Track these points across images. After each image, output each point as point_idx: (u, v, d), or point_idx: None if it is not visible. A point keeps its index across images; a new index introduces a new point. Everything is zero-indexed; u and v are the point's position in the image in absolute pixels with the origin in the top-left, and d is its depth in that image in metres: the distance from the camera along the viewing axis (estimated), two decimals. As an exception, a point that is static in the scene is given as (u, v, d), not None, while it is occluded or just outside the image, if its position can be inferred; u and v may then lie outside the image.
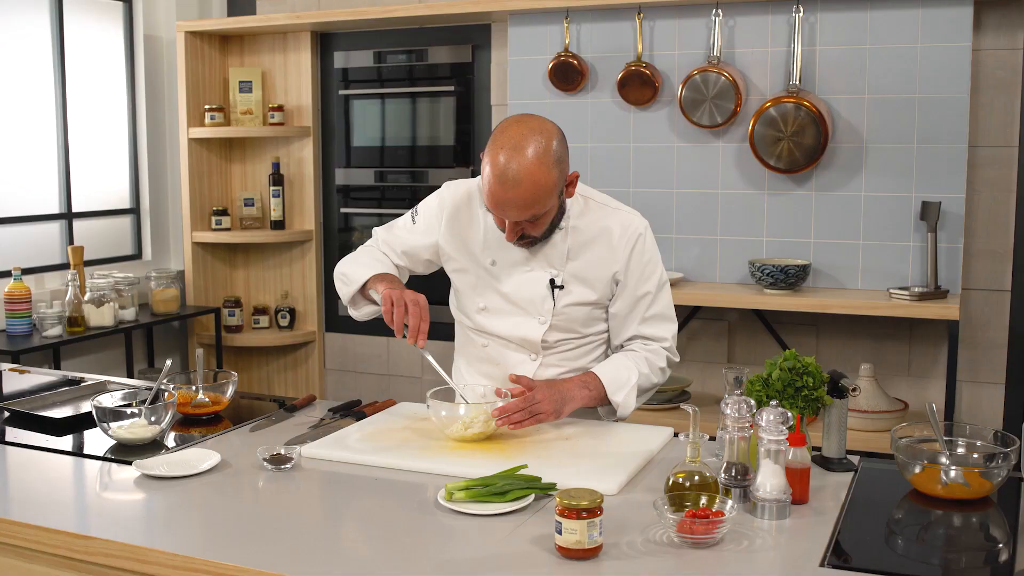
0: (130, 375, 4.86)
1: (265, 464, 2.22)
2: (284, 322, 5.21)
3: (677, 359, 2.67)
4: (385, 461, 2.25)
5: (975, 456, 2.12)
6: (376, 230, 2.78)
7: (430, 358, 2.48)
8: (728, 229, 4.28)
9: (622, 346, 2.65)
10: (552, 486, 2.03)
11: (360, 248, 2.77)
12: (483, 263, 2.60)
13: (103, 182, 5.06)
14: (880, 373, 4.11)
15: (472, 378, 2.68)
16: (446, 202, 2.65)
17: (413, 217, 2.71)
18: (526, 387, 2.40)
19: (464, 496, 1.97)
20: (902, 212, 4.00)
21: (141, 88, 5.15)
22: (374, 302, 2.62)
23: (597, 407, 2.59)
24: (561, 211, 2.50)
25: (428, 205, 2.70)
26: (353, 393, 5.17)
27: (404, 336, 2.41)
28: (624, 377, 2.53)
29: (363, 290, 2.62)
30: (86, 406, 2.73)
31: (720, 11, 4.16)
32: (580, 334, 2.62)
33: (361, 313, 2.68)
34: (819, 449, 2.27)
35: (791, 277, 3.96)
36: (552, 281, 2.56)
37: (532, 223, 2.42)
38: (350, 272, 2.65)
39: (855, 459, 2.28)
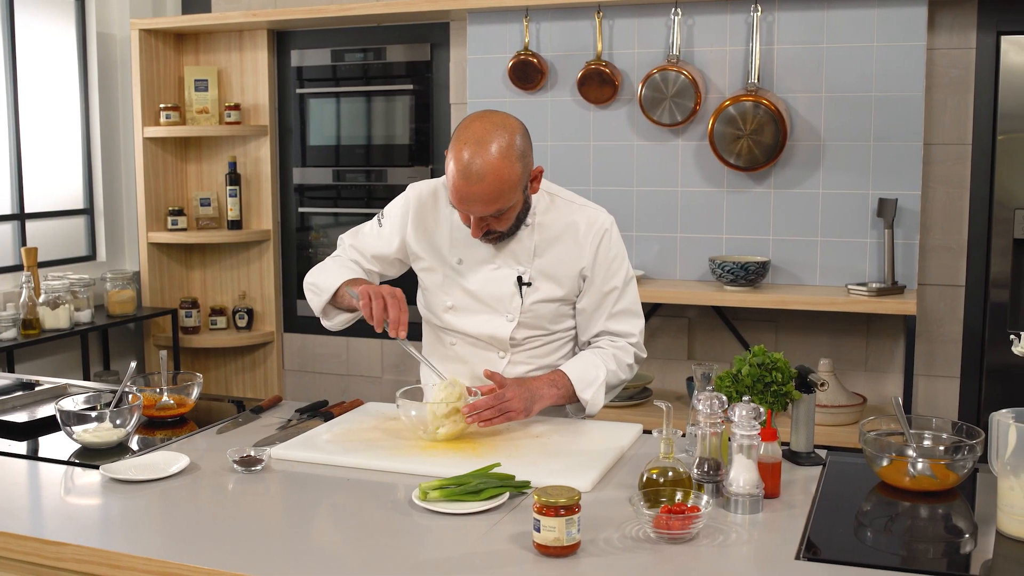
0: (86, 378, 4.78)
1: (235, 466, 2.20)
2: (242, 323, 5.17)
3: (644, 355, 2.69)
4: (356, 461, 2.24)
5: (941, 448, 2.16)
6: (343, 237, 2.77)
7: (411, 348, 2.49)
8: (688, 227, 4.31)
9: (589, 342, 2.66)
10: (526, 484, 2.03)
11: (327, 258, 2.75)
12: (450, 262, 2.61)
13: (56, 182, 4.98)
14: (838, 368, 4.16)
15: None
16: (412, 202, 2.65)
17: (380, 221, 2.71)
18: (498, 384, 2.41)
19: (438, 495, 1.96)
20: (859, 209, 4.06)
21: (94, 87, 5.08)
22: (347, 309, 2.62)
23: (565, 405, 2.60)
24: (526, 206, 2.50)
25: (394, 207, 2.69)
26: (312, 393, 5.14)
27: (384, 330, 2.42)
28: (592, 375, 2.54)
29: (335, 298, 2.61)
30: (44, 410, 2.69)
31: (679, 10, 4.18)
32: (548, 331, 2.62)
33: (333, 323, 2.66)
34: (785, 444, 2.29)
35: (751, 274, 4.00)
36: (520, 278, 2.56)
37: (497, 218, 2.42)
38: (320, 281, 2.63)
39: (822, 453, 2.30)
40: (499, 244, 2.55)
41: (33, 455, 2.37)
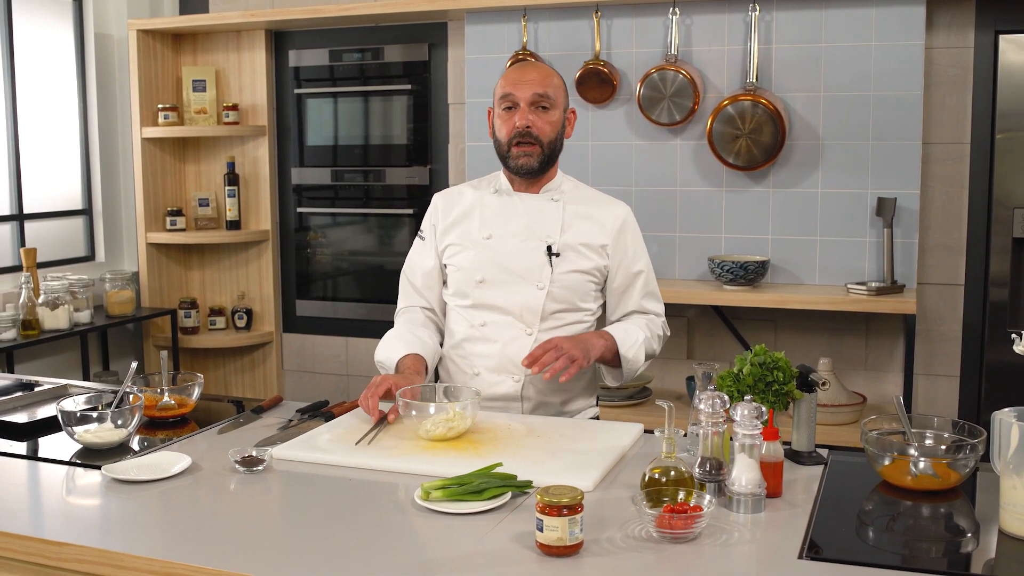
0: (86, 378, 4.78)
1: (237, 466, 2.20)
2: (241, 323, 5.17)
3: (668, 334, 2.85)
4: (358, 461, 2.24)
5: (943, 448, 2.16)
6: (402, 272, 2.89)
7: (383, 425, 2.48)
8: (687, 226, 4.31)
9: (620, 321, 2.80)
10: (528, 484, 2.03)
11: (396, 318, 2.87)
12: (480, 238, 2.73)
13: (55, 183, 4.97)
14: (837, 367, 4.16)
15: (465, 372, 2.76)
16: (438, 204, 2.85)
17: (420, 236, 2.86)
18: (544, 348, 2.49)
19: (441, 495, 1.96)
20: (858, 208, 4.06)
21: (92, 87, 5.07)
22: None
23: (602, 368, 2.74)
24: (560, 144, 2.70)
25: (427, 218, 2.87)
26: (312, 393, 5.14)
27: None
28: (633, 336, 2.69)
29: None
30: (44, 411, 2.69)
31: (677, 9, 4.19)
32: (575, 307, 2.72)
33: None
34: (787, 444, 2.29)
35: (750, 273, 4.00)
36: (549, 248, 2.68)
37: (544, 115, 2.62)
38: (385, 360, 2.74)
39: (824, 452, 2.30)
40: (531, 182, 2.71)
41: (34, 455, 2.37)
